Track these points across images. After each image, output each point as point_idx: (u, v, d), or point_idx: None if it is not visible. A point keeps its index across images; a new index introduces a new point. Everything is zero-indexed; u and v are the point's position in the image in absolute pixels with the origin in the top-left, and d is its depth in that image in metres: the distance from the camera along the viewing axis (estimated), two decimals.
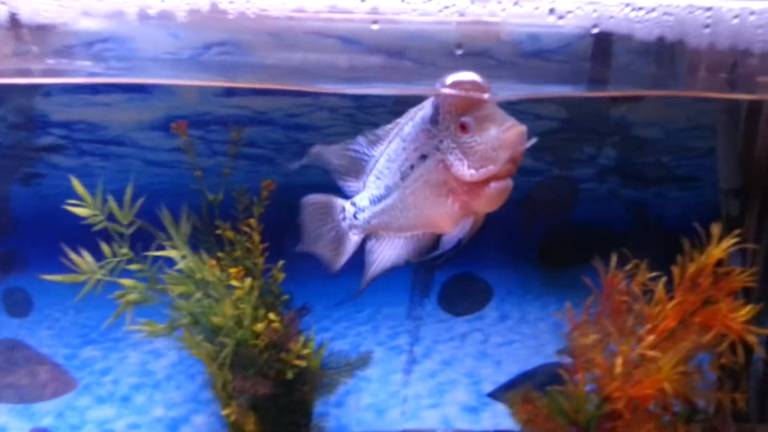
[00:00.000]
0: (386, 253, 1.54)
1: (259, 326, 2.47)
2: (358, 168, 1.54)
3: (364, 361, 3.02)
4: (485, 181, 1.30)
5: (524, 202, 2.97)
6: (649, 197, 2.94)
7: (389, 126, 1.50)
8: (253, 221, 2.51)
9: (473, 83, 1.34)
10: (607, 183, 2.92)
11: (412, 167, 1.41)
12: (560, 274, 2.98)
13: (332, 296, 3.03)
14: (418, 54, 1.81)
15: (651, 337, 2.09)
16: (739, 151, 2.77)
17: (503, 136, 1.26)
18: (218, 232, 2.56)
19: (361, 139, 1.52)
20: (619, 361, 2.08)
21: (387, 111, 2.84)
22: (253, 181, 2.69)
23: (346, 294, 3.20)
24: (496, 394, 3.08)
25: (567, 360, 2.42)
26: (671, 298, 2.17)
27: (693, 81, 1.74)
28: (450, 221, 1.40)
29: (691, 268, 2.06)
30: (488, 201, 1.33)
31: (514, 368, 3.08)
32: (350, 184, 1.58)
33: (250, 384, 2.39)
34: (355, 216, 1.55)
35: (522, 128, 1.26)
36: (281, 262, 2.60)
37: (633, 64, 1.80)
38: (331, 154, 1.59)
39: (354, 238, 1.58)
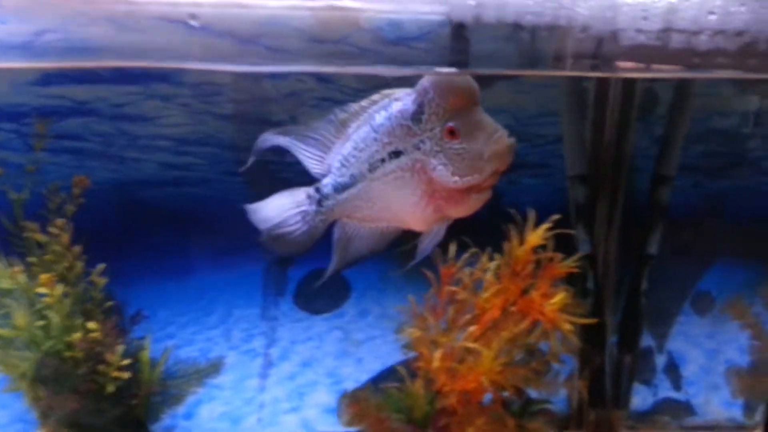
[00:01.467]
0: (352, 243, 1.48)
1: (75, 336, 2.25)
2: (322, 149, 1.46)
3: (215, 367, 2.85)
4: (467, 189, 1.28)
5: None
6: (502, 185, 2.88)
7: (363, 103, 1.41)
8: (60, 222, 2.29)
9: (464, 86, 1.30)
10: None
11: (382, 161, 1.36)
12: (419, 266, 2.89)
13: (177, 301, 2.84)
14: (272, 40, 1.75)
15: (473, 328, 2.01)
16: (588, 136, 2.76)
17: (493, 148, 1.24)
18: (26, 234, 2.32)
19: (328, 119, 1.44)
20: (437, 354, 1.99)
21: (227, 99, 2.68)
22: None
23: (193, 298, 3.01)
24: None
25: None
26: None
27: (560, 65, 1.65)
28: (420, 221, 1.37)
29: (513, 256, 2.00)
30: (466, 208, 1.32)
31: (376, 365, 2.97)
32: (315, 166, 1.48)
33: (58, 401, 2.17)
34: (320, 203, 1.48)
35: (511, 140, 1.25)
36: (101, 266, 2.38)
37: (494, 50, 1.76)
38: (288, 139, 1.49)
39: (320, 226, 1.50)
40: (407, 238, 1.52)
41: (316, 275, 3.08)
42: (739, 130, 2.85)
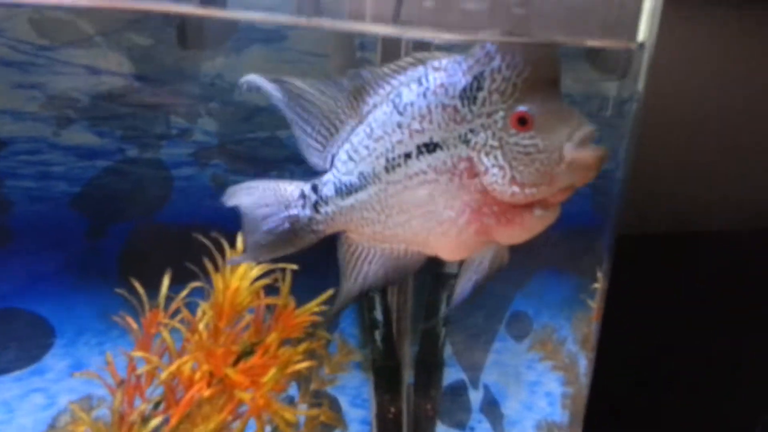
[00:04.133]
0: (360, 268, 1.12)
1: None
2: (326, 128, 1.09)
3: None
4: (527, 204, 0.97)
5: (87, 199, 2.01)
6: None
7: (387, 69, 1.03)
8: None
9: (546, 56, 0.91)
10: (209, 167, 2.09)
11: (407, 156, 1.02)
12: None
13: None
14: None
15: (157, 421, 1.27)
16: None
17: (577, 151, 0.89)
18: None
19: (337, 84, 1.06)
20: None
21: None
22: None
23: None
24: None
25: None
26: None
27: None
28: (453, 246, 1.05)
29: (216, 303, 1.28)
30: (522, 231, 0.99)
31: None
32: (315, 154, 1.13)
33: None
34: (315, 207, 1.12)
35: (601, 149, 0.91)
36: None
37: None
38: (300, 93, 1.07)
39: (310, 238, 1.14)
40: None
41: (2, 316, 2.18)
42: None
